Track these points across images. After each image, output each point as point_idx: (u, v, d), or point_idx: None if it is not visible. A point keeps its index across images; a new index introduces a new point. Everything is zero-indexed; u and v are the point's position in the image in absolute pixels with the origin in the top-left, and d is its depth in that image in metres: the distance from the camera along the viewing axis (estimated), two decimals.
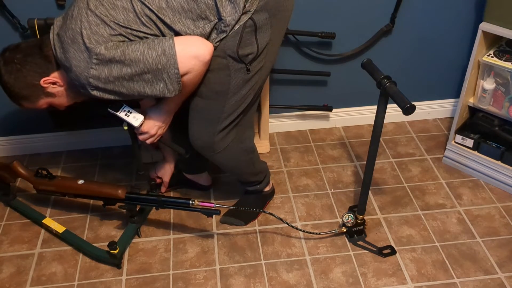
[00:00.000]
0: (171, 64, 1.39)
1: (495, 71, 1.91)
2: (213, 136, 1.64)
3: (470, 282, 1.69)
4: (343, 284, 1.69)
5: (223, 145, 1.67)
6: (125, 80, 1.42)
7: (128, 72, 1.40)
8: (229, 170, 1.84)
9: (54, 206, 2.01)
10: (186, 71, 1.42)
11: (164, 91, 1.44)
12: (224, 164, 1.78)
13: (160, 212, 1.96)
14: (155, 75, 1.41)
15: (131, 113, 1.57)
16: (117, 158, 2.24)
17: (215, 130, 1.62)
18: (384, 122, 1.57)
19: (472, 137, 2.05)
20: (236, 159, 1.76)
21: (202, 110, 1.60)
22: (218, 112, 1.60)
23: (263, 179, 1.90)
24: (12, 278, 1.73)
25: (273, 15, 1.47)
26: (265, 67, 1.57)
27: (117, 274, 1.74)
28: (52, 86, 1.53)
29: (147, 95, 1.46)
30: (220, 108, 1.59)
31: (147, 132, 1.61)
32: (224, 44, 1.46)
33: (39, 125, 2.21)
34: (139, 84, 1.43)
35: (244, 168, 1.82)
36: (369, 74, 1.55)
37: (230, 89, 1.54)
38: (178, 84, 1.43)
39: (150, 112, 1.60)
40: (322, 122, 2.40)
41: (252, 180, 1.88)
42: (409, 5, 2.08)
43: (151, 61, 1.39)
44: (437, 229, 1.88)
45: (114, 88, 1.43)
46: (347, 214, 1.82)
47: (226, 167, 1.81)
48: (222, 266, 1.76)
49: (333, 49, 2.16)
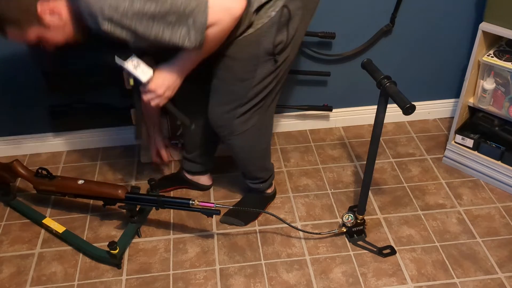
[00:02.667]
0: (200, 10, 1.27)
1: (495, 71, 1.91)
2: (233, 118, 1.61)
3: (470, 282, 1.69)
4: (343, 284, 1.69)
5: (242, 129, 1.64)
6: (145, 17, 1.26)
7: (151, 9, 1.25)
8: (241, 157, 1.80)
9: (54, 206, 2.01)
10: (214, 22, 1.30)
11: (184, 39, 1.30)
12: (238, 149, 1.74)
13: (160, 212, 1.96)
14: (180, 18, 1.27)
15: (139, 66, 1.39)
16: (117, 158, 2.24)
17: (236, 113, 1.60)
18: (384, 122, 1.57)
19: (472, 137, 2.05)
20: (252, 146, 1.74)
21: (224, 93, 1.57)
22: (240, 97, 1.56)
23: (268, 179, 1.90)
24: (12, 278, 1.73)
25: (305, 5, 1.46)
26: (290, 57, 1.56)
27: (117, 274, 1.74)
28: (50, 16, 1.35)
29: (164, 40, 1.31)
30: (242, 93, 1.55)
31: (154, 91, 1.44)
32: (259, 35, 1.42)
33: (39, 125, 2.21)
34: (159, 26, 1.28)
35: (256, 159, 1.81)
36: (369, 74, 1.55)
37: (255, 77, 1.52)
38: (201, 34, 1.30)
39: (161, 68, 1.45)
40: (322, 122, 2.40)
41: (258, 176, 1.87)
42: (409, 5, 2.08)
43: (180, 3, 1.25)
44: (437, 229, 1.88)
45: (130, 24, 1.27)
46: (347, 214, 1.82)
47: (239, 153, 1.77)
48: (222, 266, 1.76)
49: (333, 49, 2.16)
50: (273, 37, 1.43)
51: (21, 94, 2.09)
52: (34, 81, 2.05)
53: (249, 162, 1.82)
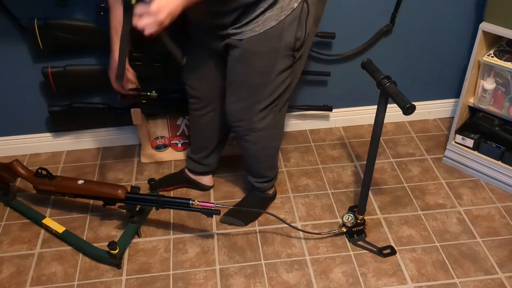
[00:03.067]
0: None
1: (495, 71, 1.90)
2: (252, 115, 1.63)
3: (470, 282, 1.69)
4: (343, 284, 1.69)
5: (260, 126, 1.66)
6: None
7: None
8: (253, 154, 1.81)
9: (54, 206, 2.00)
10: None
11: None
12: (253, 146, 1.75)
13: (160, 212, 1.96)
14: None
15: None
16: (117, 158, 2.24)
17: (255, 110, 1.62)
18: (384, 122, 1.57)
19: (472, 137, 2.05)
20: (266, 143, 1.76)
21: (243, 89, 1.59)
22: (259, 92, 1.58)
23: (273, 178, 1.91)
24: (12, 278, 1.73)
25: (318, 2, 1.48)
26: (304, 56, 1.58)
27: (117, 274, 1.74)
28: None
29: None
30: (261, 89, 1.57)
31: (156, 14, 1.26)
32: (281, 29, 1.43)
33: (39, 125, 2.21)
34: None
35: (267, 157, 1.82)
36: (369, 74, 1.55)
37: (273, 72, 1.53)
38: None
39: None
40: (322, 122, 2.40)
41: (265, 174, 1.87)
42: (409, 5, 2.08)
43: None
44: (437, 229, 1.88)
45: None
46: (347, 214, 1.81)
47: (252, 150, 1.78)
48: (222, 266, 1.76)
49: (333, 49, 2.16)
50: (294, 32, 1.45)
51: (21, 94, 2.09)
52: (34, 81, 2.06)
53: (260, 160, 1.83)
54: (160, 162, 2.21)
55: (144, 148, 2.22)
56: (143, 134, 2.19)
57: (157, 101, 2.04)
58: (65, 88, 2.03)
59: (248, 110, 1.63)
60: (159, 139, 2.23)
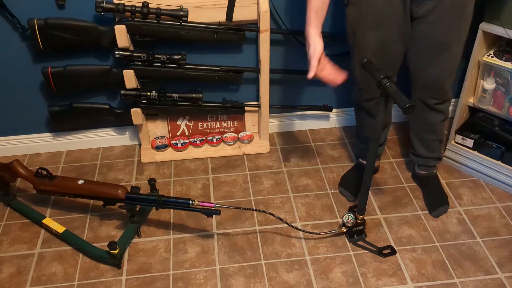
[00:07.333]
0: None
1: (495, 71, 1.91)
2: (450, 81, 1.72)
3: (470, 282, 1.69)
4: (343, 284, 1.69)
5: (450, 95, 1.77)
6: None
7: None
8: (436, 124, 1.86)
9: (54, 206, 2.00)
10: None
11: None
12: (440, 115, 1.82)
13: (160, 212, 1.96)
14: None
15: None
16: (117, 158, 2.24)
17: (452, 76, 1.70)
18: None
19: (472, 137, 2.05)
20: (444, 114, 1.83)
21: (448, 51, 1.64)
22: (456, 54, 1.65)
23: (440, 154, 1.99)
24: (12, 278, 1.73)
25: None
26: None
27: (117, 274, 1.74)
28: None
29: None
30: (459, 49, 1.64)
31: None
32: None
33: (39, 125, 2.21)
34: None
35: (441, 126, 1.88)
36: (369, 74, 1.55)
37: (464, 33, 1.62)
38: None
39: None
40: (322, 122, 2.40)
41: (436, 148, 1.94)
42: None
43: None
44: (437, 229, 1.88)
45: None
46: (347, 214, 1.82)
47: (437, 121, 1.84)
48: (222, 266, 1.76)
49: (333, 49, 2.16)
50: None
51: (21, 94, 2.10)
52: (34, 81, 2.06)
53: (437, 131, 1.88)
54: (160, 162, 2.21)
55: (144, 148, 2.22)
56: (143, 134, 2.19)
57: (157, 101, 2.05)
58: (65, 88, 2.03)
59: (450, 78, 1.70)
60: (159, 139, 2.23)
